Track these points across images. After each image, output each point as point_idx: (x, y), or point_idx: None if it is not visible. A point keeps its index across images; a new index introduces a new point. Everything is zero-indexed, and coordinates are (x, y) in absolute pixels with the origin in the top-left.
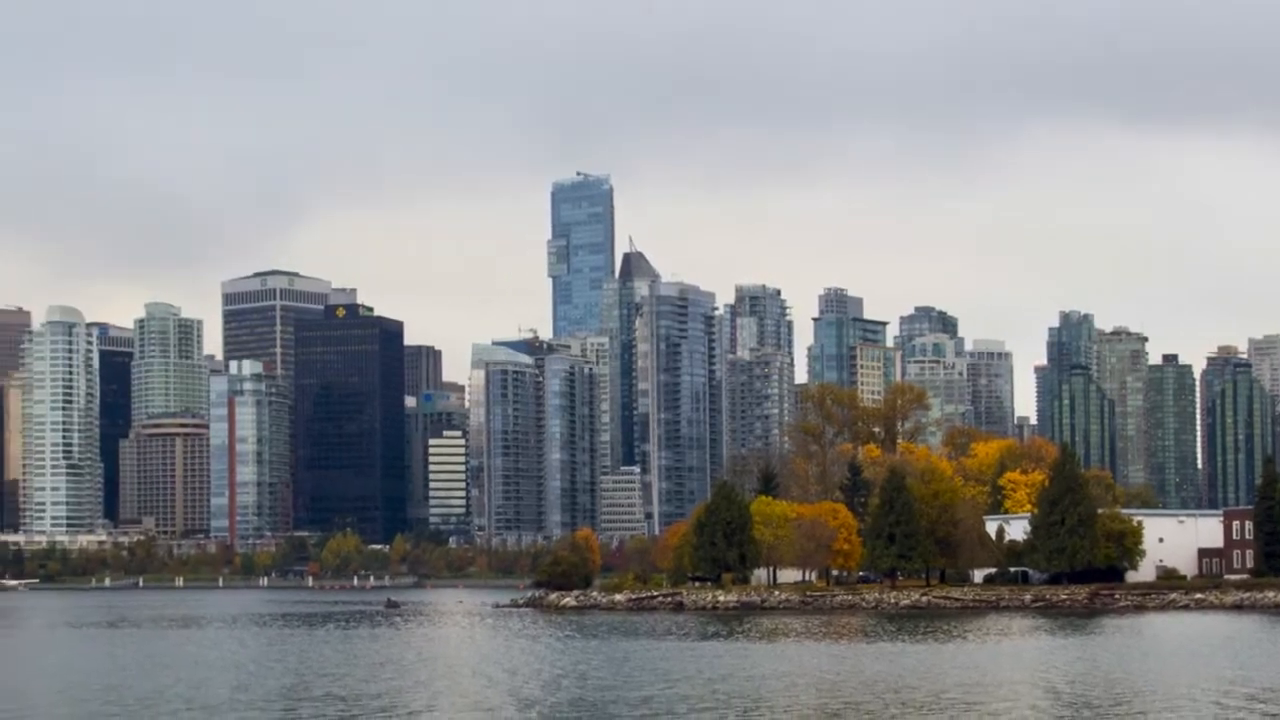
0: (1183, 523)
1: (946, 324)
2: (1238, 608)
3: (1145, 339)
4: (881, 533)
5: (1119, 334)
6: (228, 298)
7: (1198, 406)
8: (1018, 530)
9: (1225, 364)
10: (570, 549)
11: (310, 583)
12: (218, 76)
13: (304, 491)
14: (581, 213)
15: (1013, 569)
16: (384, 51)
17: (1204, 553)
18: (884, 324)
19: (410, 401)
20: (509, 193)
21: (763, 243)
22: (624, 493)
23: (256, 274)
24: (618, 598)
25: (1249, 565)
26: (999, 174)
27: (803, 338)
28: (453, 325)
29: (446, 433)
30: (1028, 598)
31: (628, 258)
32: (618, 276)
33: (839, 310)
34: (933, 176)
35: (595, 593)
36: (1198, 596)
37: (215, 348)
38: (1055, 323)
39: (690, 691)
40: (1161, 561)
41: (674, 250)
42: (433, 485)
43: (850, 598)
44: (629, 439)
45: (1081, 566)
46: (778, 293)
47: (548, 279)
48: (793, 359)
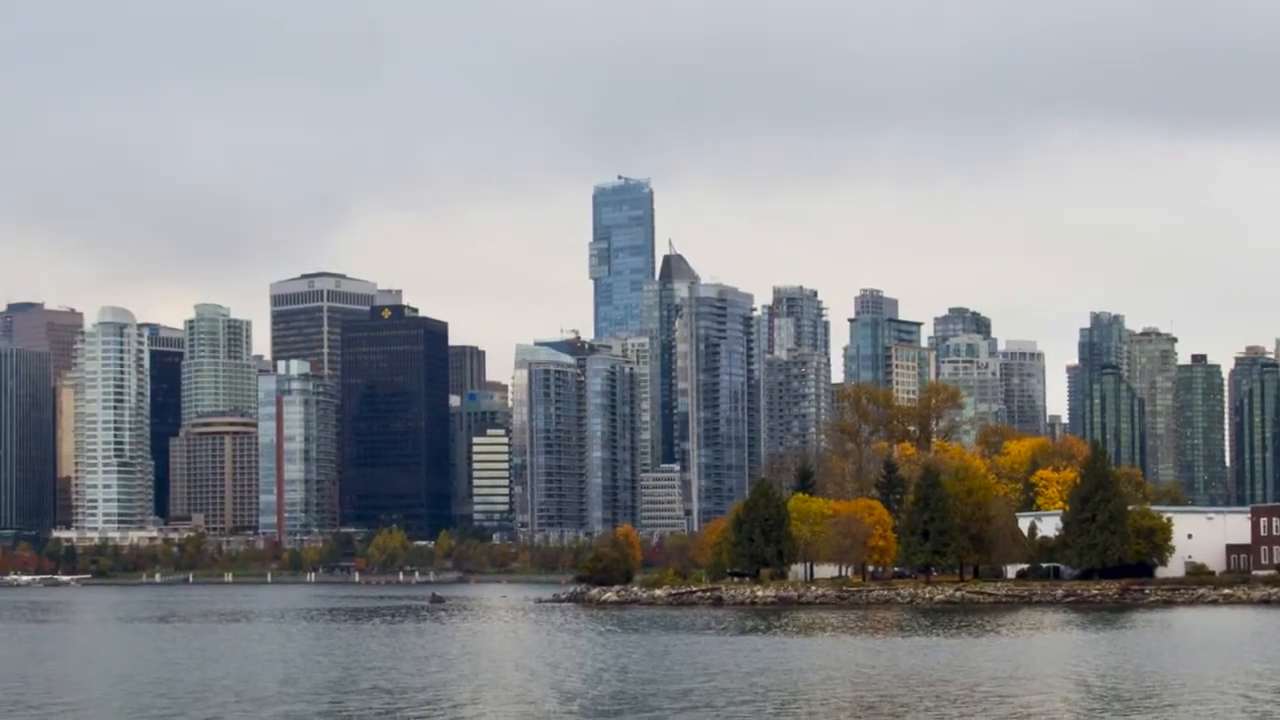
0: (1211, 519)
1: (980, 325)
2: (1265, 603)
3: (1175, 339)
4: (916, 529)
5: (1149, 335)
6: (276, 299)
7: (1226, 405)
8: (1049, 527)
9: (1253, 364)
10: (611, 545)
11: (357, 578)
12: (267, 83)
13: (350, 489)
14: (622, 216)
15: (1045, 565)
16: (430, 58)
17: (1232, 549)
18: (919, 325)
19: (455, 401)
20: (552, 196)
21: (800, 245)
22: (664, 490)
23: (304, 276)
24: (658, 593)
25: (1276, 561)
26: (1032, 177)
27: (839, 338)
28: (496, 326)
29: (490, 431)
30: (1059, 593)
31: (668, 260)
32: (658, 278)
33: (874, 311)
34: (967, 180)
35: (636, 588)
36: (1226, 592)
37: (264, 348)
38: (1086, 323)
39: (729, 685)
40: (1190, 557)
41: (713, 252)
42: (477, 483)
43: (885, 593)
44: (669, 437)
45: (1112, 562)
46: (814, 294)
47: (589, 281)
48: (829, 359)
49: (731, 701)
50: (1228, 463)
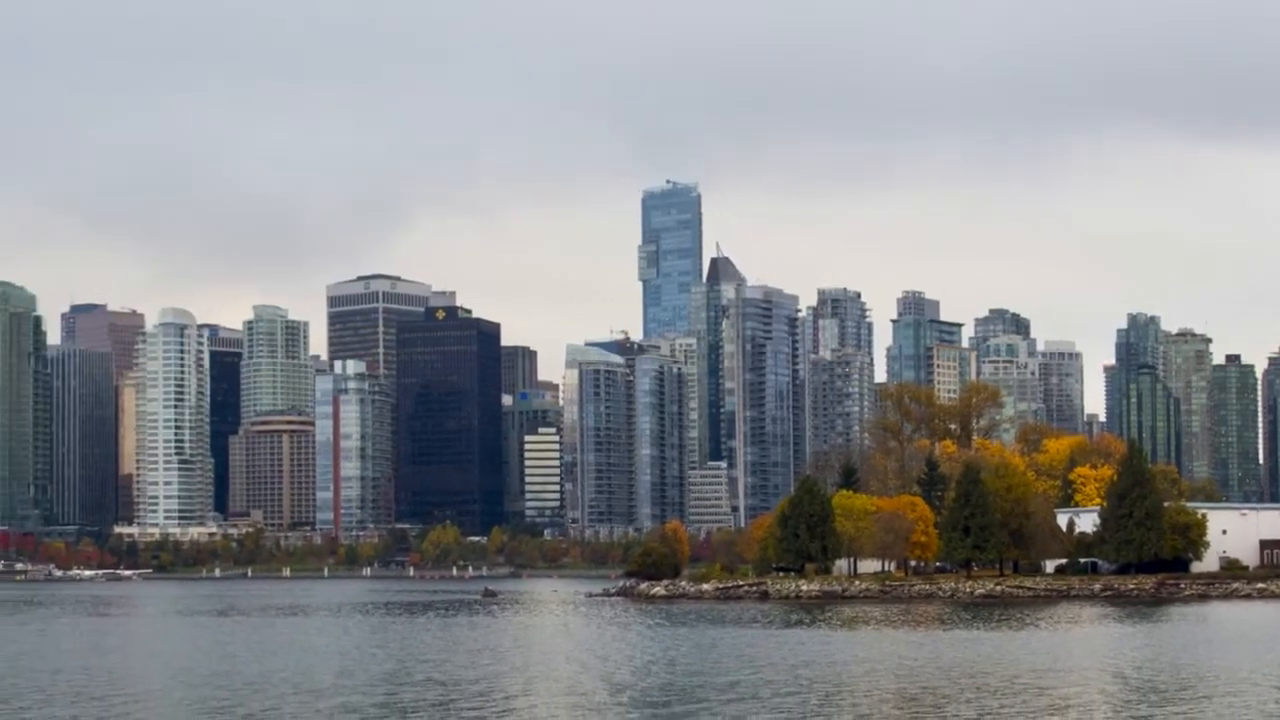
0: (1245, 515)
1: (1019, 325)
2: None
3: (1209, 340)
4: (957, 525)
5: (1184, 335)
6: (332, 300)
7: (1259, 404)
8: (1087, 523)
9: None
10: (660, 541)
11: (411, 573)
12: (325, 89)
13: (405, 486)
14: (671, 219)
15: (1082, 560)
16: (485, 66)
17: (1265, 544)
18: (960, 325)
19: (507, 400)
20: (602, 200)
21: (844, 248)
22: (711, 487)
23: (360, 278)
24: (705, 587)
25: None
26: (1070, 181)
27: (882, 338)
28: (548, 327)
29: (542, 429)
30: (1097, 587)
31: (715, 262)
32: (705, 280)
33: (917, 312)
34: (1007, 184)
35: (684, 582)
36: (1259, 586)
37: (320, 348)
38: (1123, 324)
39: (774, 677)
40: (1225, 552)
41: (759, 255)
42: (528, 480)
43: (927, 587)
44: (716, 435)
45: (1148, 557)
46: (858, 295)
47: (638, 283)
48: (872, 359)
49: (777, 693)
50: (1261, 460)
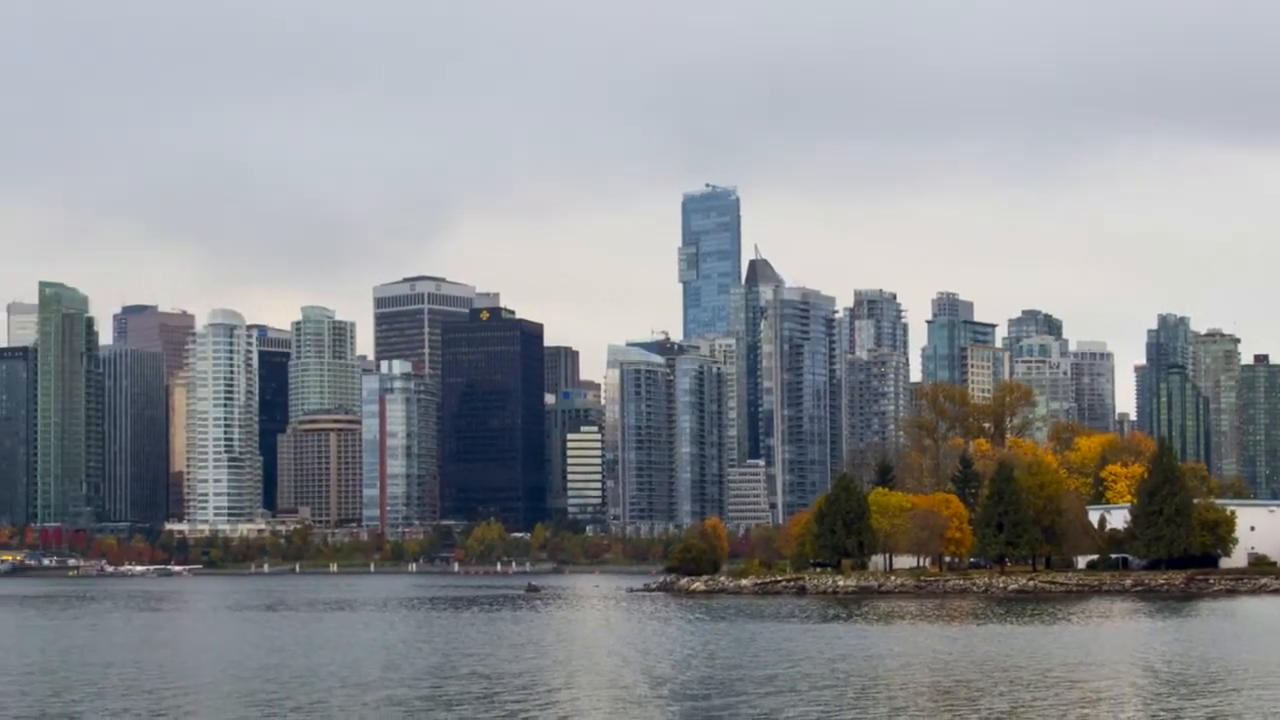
0: (1273, 512)
1: (1052, 326)
2: None
3: (1238, 340)
4: (991, 522)
5: (1213, 336)
6: (379, 301)
7: None
8: (1118, 519)
9: None
10: (700, 537)
11: (456, 568)
12: (370, 96)
13: (450, 483)
14: (710, 222)
15: (1113, 556)
16: (526, 72)
17: None
18: (993, 326)
19: (550, 399)
20: (642, 203)
21: (880, 250)
22: (750, 484)
23: (406, 279)
24: (744, 583)
25: None
26: (1101, 185)
27: (917, 339)
28: (590, 328)
29: (584, 428)
30: (1128, 583)
31: (753, 264)
32: (744, 282)
33: (951, 313)
34: (1039, 187)
35: (723, 578)
36: None
37: (367, 348)
38: (1154, 325)
39: (812, 670)
40: (1253, 549)
41: (797, 257)
42: (571, 477)
43: (961, 583)
44: (754, 434)
45: (1178, 553)
46: (894, 297)
47: (678, 284)
48: (908, 359)
49: (814, 686)
50: None
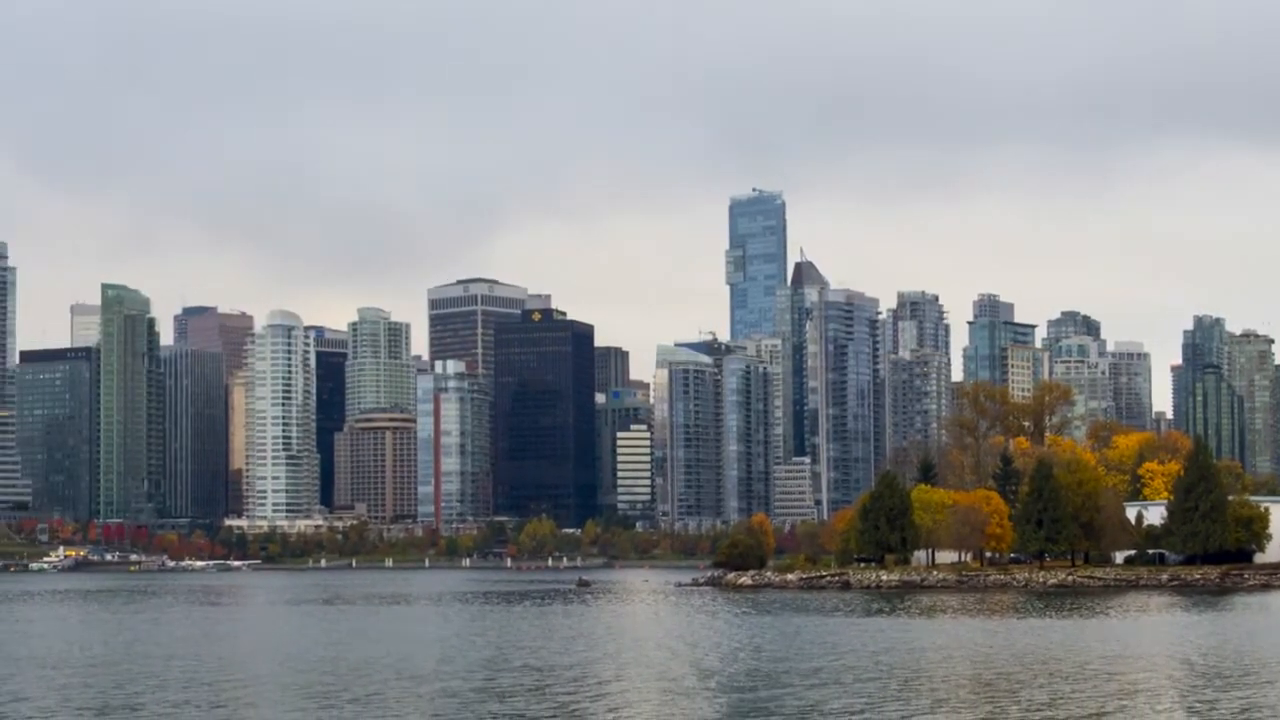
0: None
1: (1090, 327)
2: None
3: (1272, 340)
4: (1031, 518)
5: (1248, 336)
6: (433, 303)
7: None
8: (1155, 516)
9: None
10: (746, 533)
11: (509, 563)
12: (425, 102)
13: (503, 480)
14: (757, 225)
15: (1150, 551)
16: (578, 80)
17: None
18: (1033, 327)
19: (600, 398)
20: (691, 207)
21: (922, 252)
22: (795, 481)
23: (460, 281)
24: (789, 577)
25: None
26: (1138, 189)
27: (958, 339)
28: (639, 328)
29: (633, 426)
30: (1164, 577)
31: (799, 266)
32: (790, 284)
33: (992, 314)
34: (1077, 191)
35: (769, 573)
36: None
37: (422, 349)
38: (1190, 326)
39: (856, 663)
40: None
41: (841, 259)
42: (621, 474)
43: (1002, 577)
44: (800, 432)
45: (1213, 549)
46: (936, 298)
47: (726, 286)
48: (949, 359)
49: (859, 679)
50: None
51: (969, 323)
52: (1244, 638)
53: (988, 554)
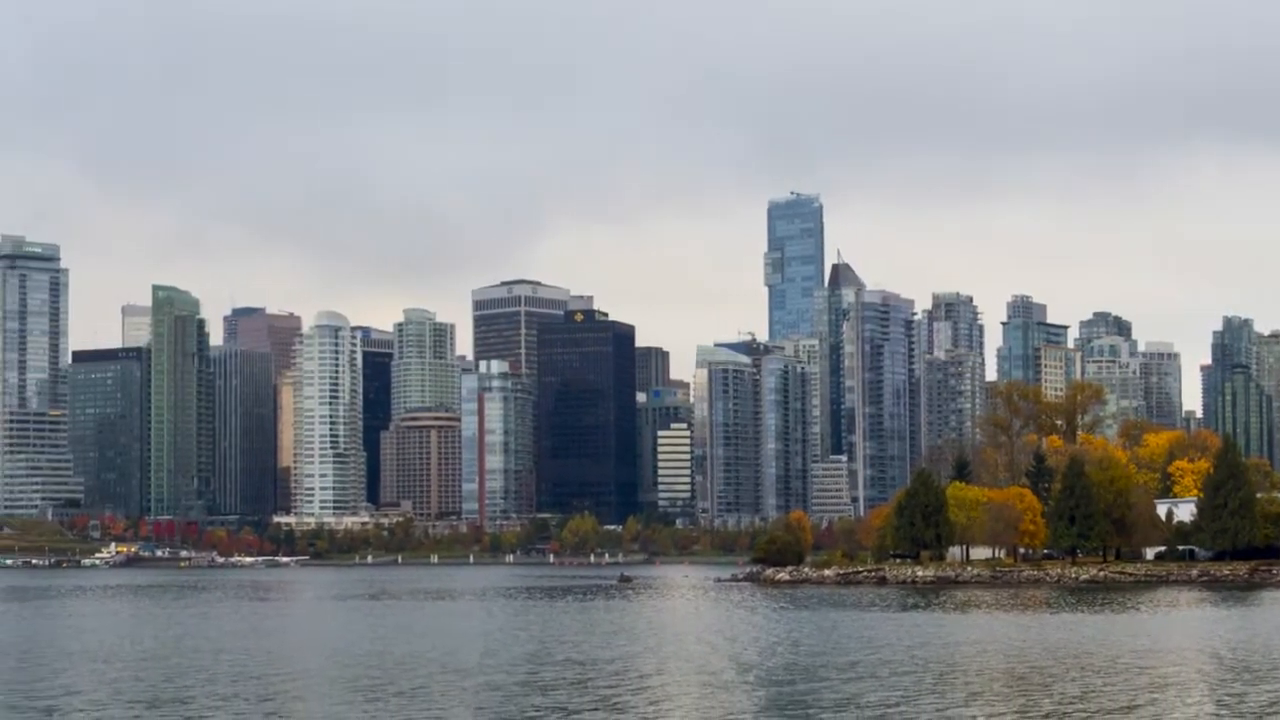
0: None
1: (1121, 328)
2: None
3: None
4: (1063, 514)
5: (1276, 336)
6: (477, 304)
7: None
8: (1185, 512)
9: None
10: (784, 529)
11: (551, 559)
12: (471, 108)
13: (546, 478)
14: (794, 228)
15: (1180, 547)
16: (621, 83)
17: None
18: (1065, 327)
19: (641, 397)
20: (730, 211)
21: (957, 254)
22: (833, 479)
23: (503, 283)
24: (827, 573)
25: None
26: (1168, 192)
27: (992, 340)
28: (679, 329)
29: (674, 425)
30: (1194, 573)
31: (836, 268)
32: (827, 285)
33: (1025, 315)
34: (1109, 195)
35: (807, 568)
36: None
37: (466, 349)
38: (1219, 326)
39: (892, 657)
40: None
41: (877, 261)
42: (661, 472)
43: (1035, 573)
44: (837, 431)
45: (1242, 545)
46: (970, 299)
47: (764, 287)
48: (983, 359)
49: (894, 672)
50: None
51: (1003, 323)
52: (1272, 632)
53: (1021, 550)
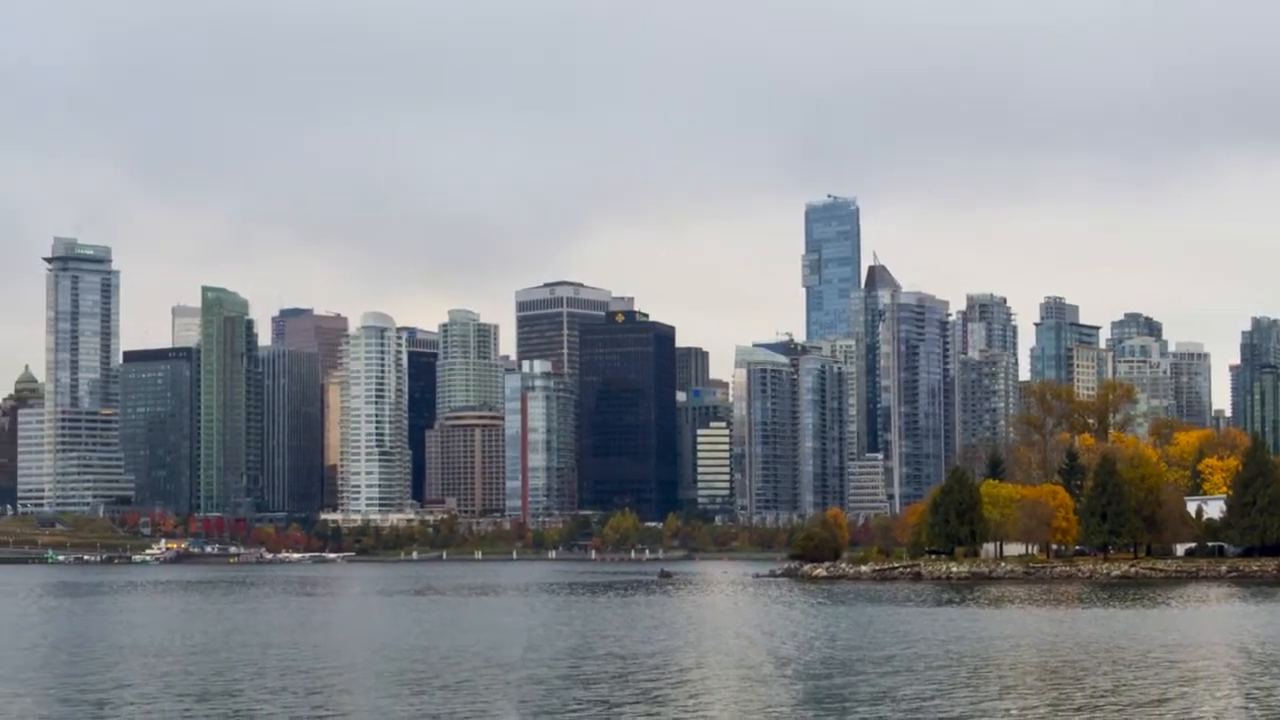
0: None
1: (1152, 328)
2: None
3: None
4: (1095, 511)
5: None
6: (520, 305)
7: None
8: (1214, 509)
9: None
10: (821, 526)
11: (593, 555)
12: (514, 113)
13: (588, 475)
14: (831, 230)
15: (1210, 544)
16: (660, 89)
17: None
18: (1097, 328)
19: (681, 396)
20: (768, 213)
21: (990, 257)
22: (869, 476)
23: (546, 284)
24: (863, 569)
25: None
26: (1199, 195)
27: (1026, 340)
28: (718, 330)
29: (713, 424)
30: (1223, 569)
31: (872, 270)
32: (863, 286)
33: (1058, 316)
34: (1141, 198)
35: (843, 564)
36: None
37: (510, 349)
38: (1248, 327)
39: (927, 651)
40: None
41: (913, 263)
42: (701, 470)
43: (1067, 569)
44: (873, 429)
45: (1271, 541)
46: (1004, 301)
47: (802, 289)
48: (1017, 359)
49: (929, 666)
50: None
51: (1036, 324)
52: None
53: (1054, 546)
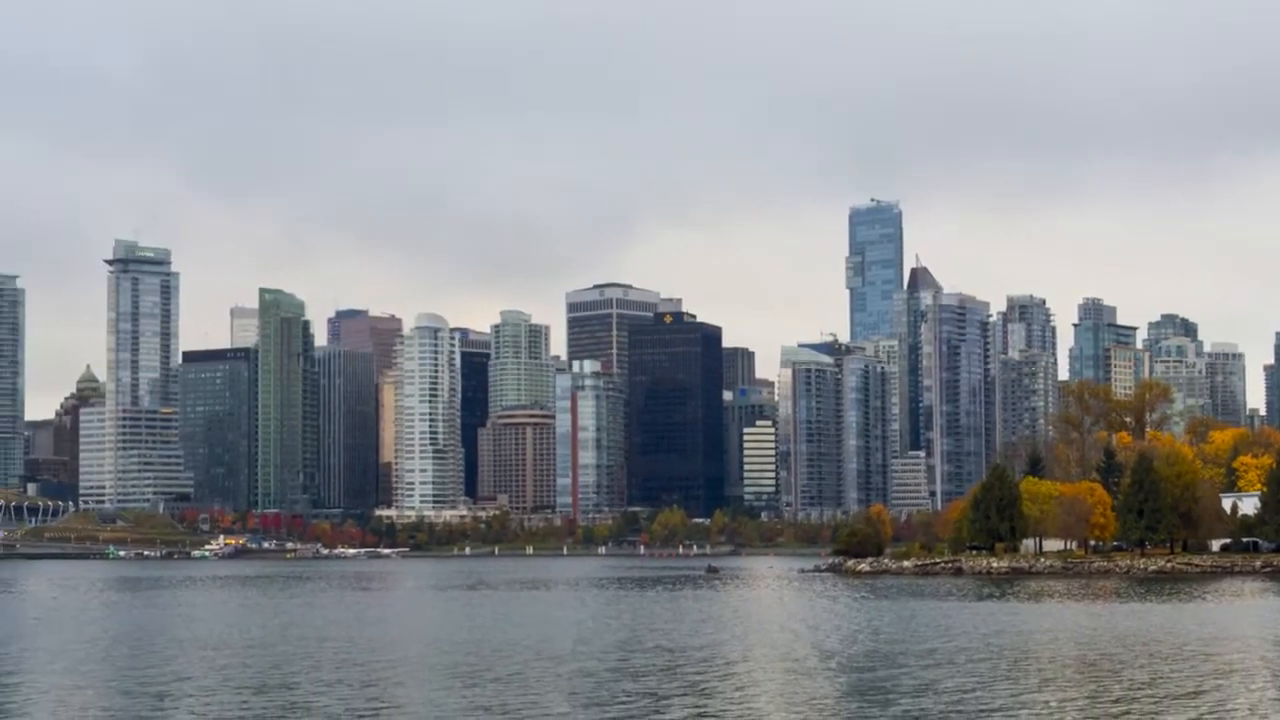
0: None
1: (1188, 329)
2: None
3: None
4: (1132, 508)
5: None
6: (571, 306)
7: None
8: (1249, 506)
9: None
10: (865, 522)
11: (642, 551)
12: (564, 119)
13: (636, 473)
14: (875, 233)
15: (1245, 540)
16: (708, 95)
17: None
18: (1134, 329)
19: (728, 395)
20: (813, 216)
21: (1030, 258)
22: (911, 474)
23: (596, 286)
24: (905, 564)
25: None
26: (1235, 198)
27: (1064, 340)
28: (765, 330)
29: (759, 422)
30: (1258, 564)
31: (914, 272)
32: (906, 288)
33: (1096, 317)
34: (1177, 201)
35: (886, 560)
36: None
37: (560, 349)
38: None
39: (968, 644)
40: None
41: (954, 265)
42: (747, 467)
43: (1105, 564)
44: (915, 428)
45: None
46: (1043, 302)
47: (846, 290)
48: (1056, 359)
49: (970, 659)
50: None
51: (1074, 325)
52: None
53: (1092, 542)
